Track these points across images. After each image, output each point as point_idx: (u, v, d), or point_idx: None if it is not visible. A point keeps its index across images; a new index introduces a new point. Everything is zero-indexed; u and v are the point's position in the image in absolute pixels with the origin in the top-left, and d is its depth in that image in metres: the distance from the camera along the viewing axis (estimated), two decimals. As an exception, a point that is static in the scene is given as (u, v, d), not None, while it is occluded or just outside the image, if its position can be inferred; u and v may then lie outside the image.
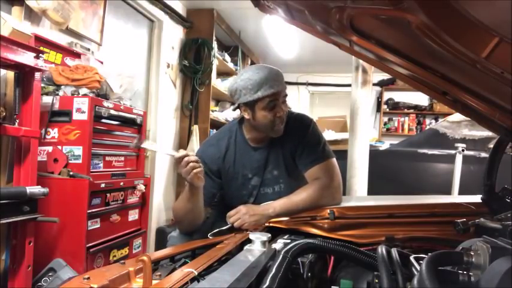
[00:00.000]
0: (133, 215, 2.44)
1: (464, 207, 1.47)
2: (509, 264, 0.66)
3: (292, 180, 1.66)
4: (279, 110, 1.56)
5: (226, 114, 4.52)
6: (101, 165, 2.18)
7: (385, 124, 6.42)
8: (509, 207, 1.34)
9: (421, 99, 6.23)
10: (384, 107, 6.38)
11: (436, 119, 6.03)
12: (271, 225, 1.47)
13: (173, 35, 3.88)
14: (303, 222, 1.45)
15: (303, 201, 1.53)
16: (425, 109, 6.31)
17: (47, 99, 2.01)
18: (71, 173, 1.99)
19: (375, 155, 3.41)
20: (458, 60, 0.77)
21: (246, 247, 1.03)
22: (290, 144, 1.64)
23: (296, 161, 1.65)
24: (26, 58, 1.64)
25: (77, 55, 2.39)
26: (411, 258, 0.86)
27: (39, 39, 2.11)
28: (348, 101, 3.42)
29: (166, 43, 3.76)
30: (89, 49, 2.62)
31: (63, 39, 2.43)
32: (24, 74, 1.71)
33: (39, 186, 1.69)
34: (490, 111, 0.97)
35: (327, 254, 1.16)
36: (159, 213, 3.74)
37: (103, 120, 2.17)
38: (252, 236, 1.03)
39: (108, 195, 2.17)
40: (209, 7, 4.03)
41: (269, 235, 1.04)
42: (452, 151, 3.25)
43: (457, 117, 3.59)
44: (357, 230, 1.42)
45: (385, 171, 3.72)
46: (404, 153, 3.91)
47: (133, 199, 2.42)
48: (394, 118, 6.43)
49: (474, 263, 0.76)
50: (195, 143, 3.84)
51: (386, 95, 6.43)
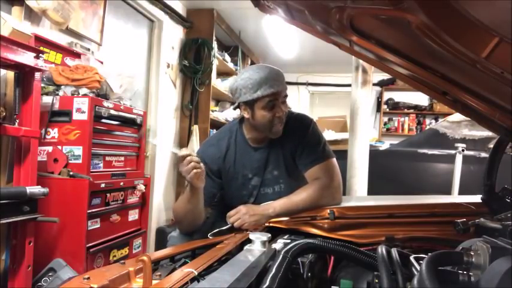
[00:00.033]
0: (133, 215, 2.44)
1: (464, 207, 1.47)
2: (509, 264, 0.66)
3: (292, 180, 1.66)
4: (278, 110, 1.55)
5: (226, 114, 4.52)
6: (101, 165, 2.18)
7: (385, 124, 6.42)
8: (509, 207, 1.34)
9: (421, 99, 6.23)
10: (384, 107, 6.39)
11: (436, 119, 6.03)
12: (271, 225, 1.47)
13: (173, 35, 3.88)
14: (303, 222, 1.45)
15: (303, 201, 1.53)
16: (425, 109, 6.31)
17: (47, 99, 2.01)
18: (71, 173, 1.99)
19: (375, 155, 3.41)
20: (458, 60, 0.77)
21: (246, 247, 1.03)
22: (290, 144, 1.64)
23: (296, 161, 1.65)
24: (26, 58, 1.64)
25: (77, 55, 2.39)
26: (411, 258, 0.86)
27: (39, 39, 2.11)
28: (348, 101, 3.42)
29: (166, 43, 3.76)
30: (89, 49, 2.62)
31: (63, 39, 2.43)
32: (24, 74, 1.71)
33: (39, 186, 1.69)
34: (490, 111, 0.97)
35: (327, 254, 1.16)
36: (159, 213, 3.74)
37: (103, 120, 2.17)
38: (252, 236, 1.03)
39: (108, 195, 2.17)
40: (209, 7, 4.03)
41: (269, 235, 1.04)
42: (452, 151, 3.25)
43: (457, 117, 3.59)
44: (357, 230, 1.42)
45: (385, 171, 3.72)
46: (404, 153, 3.91)
47: (133, 199, 2.42)
48: (394, 118, 6.43)
49: (474, 263, 0.76)
50: (195, 143, 3.84)
51: (386, 95, 6.43)
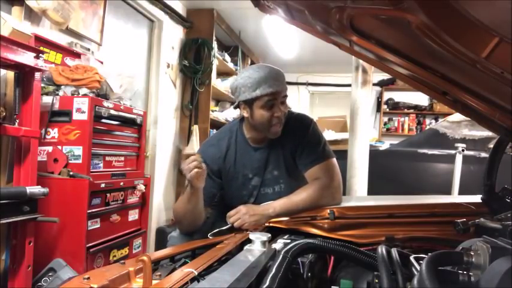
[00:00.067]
0: (133, 215, 2.44)
1: (464, 207, 1.47)
2: (509, 264, 0.66)
3: (292, 180, 1.66)
4: (277, 110, 1.55)
5: (226, 114, 4.52)
6: (101, 165, 2.18)
7: (385, 124, 6.42)
8: (509, 207, 1.34)
9: (421, 99, 6.23)
10: (384, 107, 6.38)
11: (436, 119, 6.03)
12: (271, 225, 1.47)
13: (173, 35, 3.88)
14: (303, 222, 1.45)
15: (303, 201, 1.53)
16: (425, 109, 6.31)
17: (47, 99, 2.01)
18: (71, 173, 1.99)
19: (375, 155, 3.41)
20: (458, 60, 0.77)
21: (246, 247, 1.02)
22: (290, 144, 1.64)
23: (296, 161, 1.65)
24: (26, 58, 1.64)
25: (77, 55, 2.39)
26: (411, 258, 0.86)
27: (39, 39, 2.11)
28: (348, 101, 3.42)
29: (166, 43, 3.76)
30: (89, 49, 2.62)
31: (63, 39, 2.43)
32: (24, 74, 1.71)
33: (39, 186, 1.69)
34: (490, 111, 0.97)
35: (327, 254, 1.16)
36: (159, 213, 3.74)
37: (103, 120, 2.17)
38: (252, 236, 1.03)
39: (108, 195, 2.17)
40: (209, 7, 4.03)
41: (269, 235, 1.04)
42: (452, 151, 3.25)
43: (457, 117, 3.59)
44: (357, 230, 1.42)
45: (385, 171, 3.72)
46: (404, 153, 3.91)
47: (133, 199, 2.42)
48: (394, 118, 6.43)
49: (474, 263, 0.76)
50: (195, 143, 3.84)
51: (386, 95, 6.43)
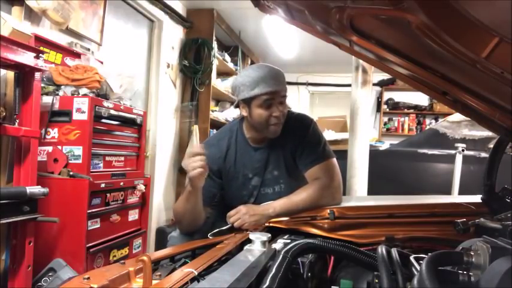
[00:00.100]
0: (133, 215, 2.44)
1: (464, 207, 1.47)
2: (509, 264, 0.66)
3: (292, 180, 1.66)
4: (275, 109, 1.55)
5: (226, 114, 4.52)
6: (101, 165, 2.18)
7: (385, 124, 6.42)
8: (509, 207, 1.34)
9: (421, 99, 6.23)
10: (384, 107, 6.39)
11: (436, 119, 6.03)
12: (271, 225, 1.47)
13: (173, 35, 3.88)
14: (303, 222, 1.45)
15: (303, 201, 1.53)
16: (425, 109, 6.31)
17: (47, 99, 2.01)
18: (71, 173, 1.99)
19: (375, 155, 3.41)
20: (458, 60, 0.77)
21: (246, 247, 1.02)
22: (290, 144, 1.64)
23: (296, 161, 1.65)
24: (26, 58, 1.64)
25: (77, 55, 2.39)
26: (411, 258, 0.86)
27: (39, 39, 2.11)
28: (348, 101, 3.42)
29: (166, 43, 3.76)
30: (89, 49, 2.62)
31: (63, 39, 2.43)
32: (24, 74, 1.71)
33: (39, 186, 1.69)
34: (490, 111, 0.96)
35: (327, 254, 1.16)
36: (159, 213, 3.74)
37: (103, 120, 2.17)
38: (252, 236, 1.03)
39: (108, 195, 2.17)
40: (209, 7, 4.03)
41: (269, 235, 1.04)
42: (452, 151, 3.25)
43: (457, 117, 3.59)
44: (357, 230, 1.42)
45: (385, 171, 3.72)
46: (404, 153, 3.91)
47: (133, 199, 2.42)
48: (394, 118, 6.43)
49: (474, 263, 0.76)
50: (195, 143, 3.84)
51: (386, 95, 6.43)
